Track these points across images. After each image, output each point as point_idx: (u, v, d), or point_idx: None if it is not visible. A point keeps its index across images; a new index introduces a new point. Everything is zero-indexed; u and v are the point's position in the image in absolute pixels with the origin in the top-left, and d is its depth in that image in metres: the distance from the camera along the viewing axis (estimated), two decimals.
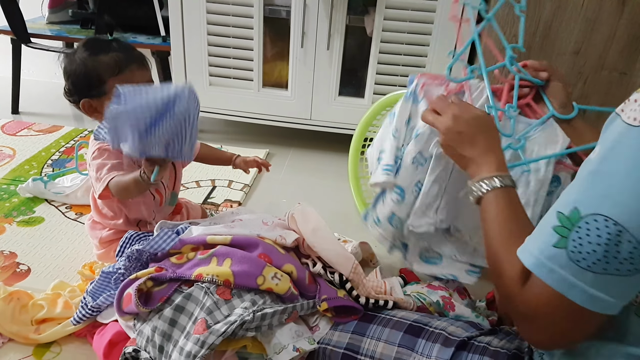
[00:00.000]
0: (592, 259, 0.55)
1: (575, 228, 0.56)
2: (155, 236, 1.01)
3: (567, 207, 0.58)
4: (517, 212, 0.75)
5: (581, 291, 0.57)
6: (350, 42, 1.88)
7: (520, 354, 0.79)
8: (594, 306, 0.57)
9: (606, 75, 1.62)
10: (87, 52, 1.12)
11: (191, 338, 0.84)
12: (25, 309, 1.07)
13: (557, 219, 0.58)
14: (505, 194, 0.77)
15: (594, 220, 0.55)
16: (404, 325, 0.88)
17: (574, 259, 0.56)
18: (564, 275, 0.57)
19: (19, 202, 1.55)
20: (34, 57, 2.54)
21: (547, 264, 0.59)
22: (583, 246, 0.56)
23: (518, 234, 0.69)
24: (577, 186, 0.59)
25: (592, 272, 0.56)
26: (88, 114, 1.16)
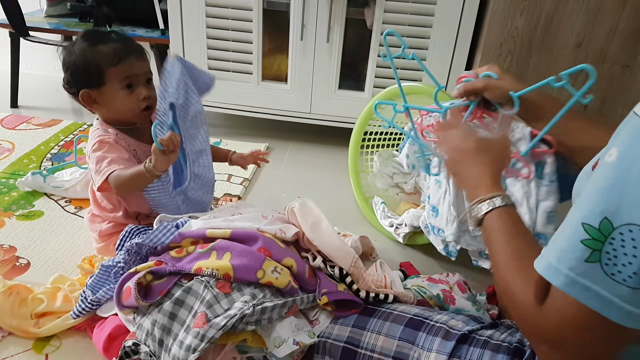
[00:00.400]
0: (629, 271, 0.52)
1: (608, 240, 0.53)
2: (154, 230, 1.01)
3: (595, 219, 0.54)
4: (520, 230, 0.73)
5: (618, 308, 0.53)
6: (350, 34, 1.87)
7: (522, 348, 0.79)
8: (630, 322, 0.54)
9: (608, 68, 1.61)
10: (86, 43, 1.12)
11: (191, 332, 0.84)
12: (25, 303, 1.07)
13: (585, 231, 0.54)
14: (505, 212, 0.76)
15: (629, 231, 0.52)
16: (405, 318, 0.88)
17: (609, 272, 0.53)
18: (599, 291, 0.54)
19: (18, 196, 1.54)
20: (33, 50, 2.53)
21: (580, 281, 0.55)
22: (618, 258, 0.52)
23: (525, 252, 0.67)
24: (601, 194, 0.54)
25: (628, 286, 0.52)
26: (87, 105, 1.15)
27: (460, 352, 0.80)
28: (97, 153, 1.12)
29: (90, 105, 1.16)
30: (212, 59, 1.93)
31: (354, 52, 1.93)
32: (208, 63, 1.94)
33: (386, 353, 0.84)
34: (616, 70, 1.61)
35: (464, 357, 0.79)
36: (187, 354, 0.82)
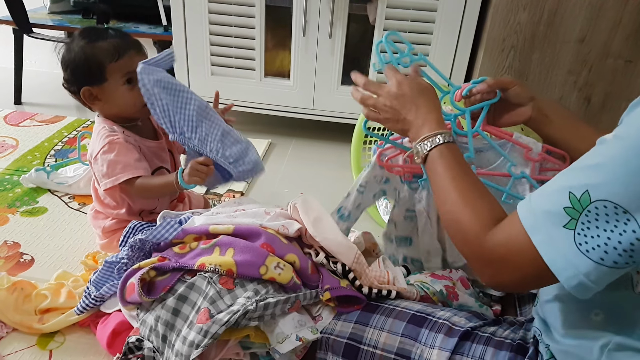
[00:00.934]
0: (594, 244, 0.56)
1: (584, 212, 0.56)
2: (158, 226, 1.01)
3: (579, 190, 0.57)
4: (463, 165, 0.79)
5: (572, 276, 0.57)
6: (352, 30, 1.86)
7: (525, 344, 0.79)
8: (575, 291, 0.58)
9: (611, 63, 1.60)
10: (85, 40, 1.12)
11: (194, 327, 0.84)
12: (29, 299, 1.08)
13: (569, 199, 0.58)
14: (449, 149, 0.80)
15: (604, 207, 0.55)
16: (407, 315, 0.88)
17: (578, 241, 0.57)
18: (563, 257, 0.58)
19: (22, 193, 1.55)
20: (36, 47, 2.53)
21: (552, 243, 0.59)
22: (590, 230, 0.56)
23: (471, 187, 0.74)
24: (590, 168, 0.58)
25: (590, 259, 0.56)
26: (88, 103, 1.16)
27: (462, 349, 0.80)
28: (108, 156, 1.12)
29: (91, 103, 1.16)
30: (215, 55, 1.93)
31: (357, 48, 1.92)
32: (211, 59, 1.94)
33: (389, 349, 0.84)
34: (619, 65, 1.60)
35: (466, 354, 0.79)
36: (190, 349, 0.82)
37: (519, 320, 0.90)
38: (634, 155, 0.53)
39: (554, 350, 0.73)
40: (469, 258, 0.72)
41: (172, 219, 1.04)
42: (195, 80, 1.99)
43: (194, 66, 1.96)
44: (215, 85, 1.98)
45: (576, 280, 0.57)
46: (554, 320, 0.74)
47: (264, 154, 1.92)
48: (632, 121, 0.56)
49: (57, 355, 1.01)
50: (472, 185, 0.75)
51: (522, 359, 0.76)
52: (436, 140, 0.81)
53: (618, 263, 0.55)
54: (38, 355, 1.00)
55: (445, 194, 0.76)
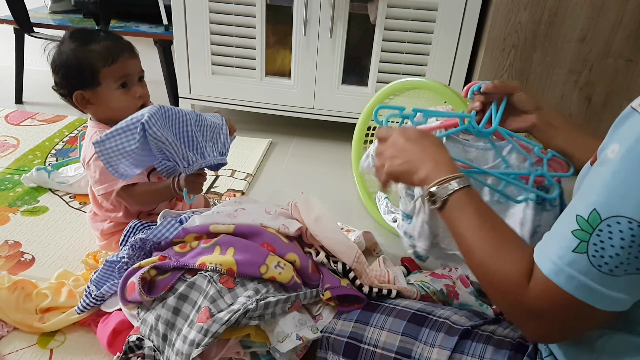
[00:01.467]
0: (615, 262, 0.53)
1: (595, 232, 0.54)
2: (158, 225, 1.01)
3: (586, 210, 0.55)
4: (489, 209, 0.73)
5: (601, 295, 0.55)
6: (353, 29, 1.86)
7: (525, 343, 0.79)
8: (612, 306, 0.56)
9: (612, 63, 1.60)
10: (76, 43, 1.10)
11: (195, 326, 0.84)
12: (30, 298, 1.08)
13: (576, 222, 0.56)
14: (471, 193, 0.74)
15: (617, 223, 0.53)
16: (408, 314, 0.88)
17: (595, 264, 0.54)
18: (584, 281, 0.55)
19: (23, 192, 1.55)
20: (37, 46, 2.53)
21: (566, 270, 0.56)
22: (605, 250, 0.53)
23: (501, 232, 0.69)
24: (595, 187, 0.56)
25: (614, 275, 0.54)
26: (80, 107, 1.14)
27: (463, 348, 0.80)
28: (99, 163, 1.10)
29: (83, 106, 1.14)
30: (216, 54, 1.93)
31: (358, 47, 1.92)
32: (211, 58, 1.94)
33: (389, 348, 0.84)
34: (620, 65, 1.60)
35: (467, 353, 0.79)
36: (190, 348, 0.82)
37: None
38: (636, 168, 0.52)
39: (553, 347, 0.73)
40: (507, 313, 0.68)
41: (172, 218, 1.04)
42: (196, 80, 1.99)
43: (195, 66, 1.96)
44: (216, 84, 1.98)
45: (608, 300, 0.55)
46: None
47: (264, 153, 1.92)
48: (627, 134, 0.54)
49: (57, 354, 1.01)
50: (504, 233, 0.69)
51: (522, 357, 0.76)
52: (454, 184, 0.74)
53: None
54: (39, 354, 1.01)
55: (472, 242, 0.70)
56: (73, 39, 1.11)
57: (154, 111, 0.98)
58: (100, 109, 1.16)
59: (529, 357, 0.76)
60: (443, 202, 0.74)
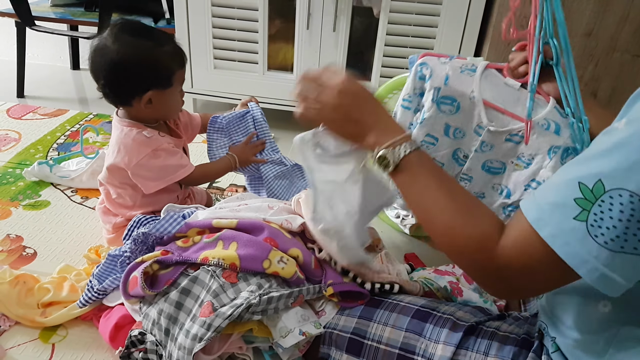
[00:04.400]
0: (611, 235, 0.53)
1: (598, 202, 0.54)
2: (161, 219, 1.01)
3: (591, 180, 0.54)
4: (443, 172, 0.72)
5: (593, 268, 0.55)
6: (356, 23, 1.85)
7: (530, 339, 0.78)
8: (600, 285, 0.56)
9: (618, 58, 1.59)
10: (151, 42, 1.07)
11: (197, 321, 0.84)
12: (32, 293, 1.07)
13: (580, 190, 0.55)
14: (423, 155, 0.72)
15: (619, 195, 0.52)
16: (412, 310, 0.87)
17: (593, 233, 0.54)
18: (578, 249, 0.55)
19: (24, 186, 1.55)
20: (39, 40, 2.52)
21: (563, 236, 0.56)
22: (604, 221, 0.53)
23: (459, 192, 0.69)
24: (601, 157, 0.55)
25: (608, 249, 0.54)
26: (141, 106, 1.10)
27: (467, 344, 0.79)
28: (155, 162, 1.13)
29: (144, 104, 1.10)
30: (218, 48, 1.92)
31: (361, 41, 1.91)
32: (214, 52, 1.93)
33: (393, 344, 0.84)
34: (626, 60, 1.58)
35: (471, 349, 0.79)
36: (193, 342, 0.82)
37: (523, 315, 0.89)
38: None
39: (560, 342, 0.73)
40: (476, 273, 0.67)
41: (175, 213, 1.03)
42: (198, 74, 1.98)
43: (197, 60, 1.95)
44: (218, 79, 1.97)
45: (597, 273, 0.55)
46: (561, 313, 0.73)
47: None
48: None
49: (59, 348, 1.01)
50: (464, 193, 0.69)
51: (527, 353, 0.76)
52: (409, 145, 0.71)
53: (638, 249, 0.53)
54: (40, 348, 1.00)
55: (433, 203, 0.69)
56: (143, 35, 1.08)
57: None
58: (155, 110, 1.14)
59: (534, 353, 0.76)
60: (395, 165, 0.72)
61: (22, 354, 0.99)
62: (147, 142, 1.13)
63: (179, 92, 1.16)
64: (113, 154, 1.16)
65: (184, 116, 1.31)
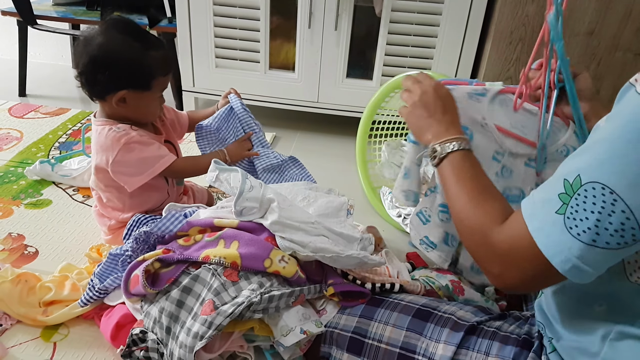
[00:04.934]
0: (584, 226, 0.56)
1: (575, 195, 0.57)
2: (163, 218, 1.01)
3: (572, 175, 0.58)
4: (478, 172, 0.79)
5: (566, 259, 0.57)
6: (358, 22, 1.85)
7: (530, 339, 0.78)
8: (571, 274, 0.58)
9: (620, 56, 1.58)
10: (138, 44, 1.07)
11: (198, 319, 0.84)
12: (33, 291, 1.07)
13: (563, 185, 0.59)
14: (467, 155, 0.81)
15: (592, 188, 0.55)
16: (412, 309, 0.87)
17: (568, 225, 0.57)
18: (555, 241, 0.58)
19: (26, 185, 1.55)
20: (41, 39, 2.53)
21: (545, 229, 0.59)
22: (578, 213, 0.56)
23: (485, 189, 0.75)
24: (583, 153, 0.59)
25: (581, 241, 0.56)
26: (114, 104, 1.10)
27: (468, 343, 0.79)
28: (131, 156, 1.10)
29: (117, 102, 1.10)
30: (219, 47, 1.92)
31: (363, 40, 1.91)
32: (215, 51, 1.93)
33: (393, 343, 0.84)
34: (629, 58, 1.58)
35: (472, 348, 0.79)
36: (194, 340, 0.82)
37: (524, 315, 0.89)
38: (618, 137, 0.54)
39: (556, 343, 0.73)
40: (477, 256, 0.71)
41: (177, 212, 1.03)
42: (199, 73, 1.98)
43: (198, 58, 1.95)
44: (219, 77, 1.97)
45: (570, 264, 0.57)
46: (556, 313, 0.74)
47: None
48: (622, 107, 0.57)
49: (61, 347, 1.01)
50: (484, 188, 0.76)
51: (528, 353, 0.76)
52: (455, 145, 0.82)
53: (610, 244, 0.55)
54: (42, 347, 1.00)
55: (455, 195, 0.77)
56: (133, 37, 1.07)
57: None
58: (129, 110, 1.12)
59: (534, 353, 0.76)
60: (440, 159, 0.82)
61: (24, 352, 0.99)
62: (118, 137, 1.11)
63: (158, 97, 1.15)
64: (94, 156, 1.17)
65: (170, 113, 1.29)
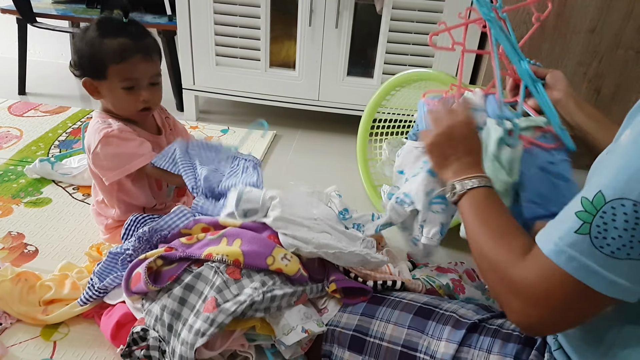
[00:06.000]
0: (617, 244, 0.53)
1: (599, 213, 0.54)
2: (170, 213, 1.03)
3: (592, 193, 0.55)
4: (498, 208, 0.76)
5: (601, 278, 0.55)
6: (359, 20, 1.84)
7: (533, 337, 0.78)
8: (613, 292, 0.55)
9: (622, 54, 1.58)
10: (97, 33, 1.09)
11: (201, 316, 0.84)
12: (33, 290, 1.07)
13: (581, 204, 0.56)
14: (486, 192, 0.79)
15: (621, 205, 0.52)
16: (414, 307, 0.87)
17: (597, 245, 0.54)
18: (585, 262, 0.55)
19: (26, 183, 1.54)
20: (40, 37, 2.52)
21: (567, 251, 0.56)
22: (608, 232, 0.53)
23: (507, 226, 0.72)
24: (604, 170, 0.56)
25: (615, 258, 0.53)
26: (89, 92, 1.15)
27: (470, 341, 0.79)
28: (108, 149, 1.11)
29: (92, 93, 1.15)
30: (220, 45, 1.92)
31: (363, 38, 1.90)
32: (216, 49, 1.92)
33: (395, 342, 0.83)
34: (631, 56, 1.57)
35: (474, 346, 0.79)
36: (196, 337, 0.82)
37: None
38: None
39: (562, 340, 0.73)
40: (497, 293, 0.67)
41: (186, 209, 1.04)
42: (199, 71, 1.98)
43: (199, 56, 1.94)
44: (220, 76, 1.97)
45: (606, 282, 0.54)
46: None
47: (268, 146, 1.91)
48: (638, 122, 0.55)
49: (61, 346, 1.00)
50: (505, 225, 0.72)
51: (530, 350, 0.76)
52: (477, 181, 0.80)
53: None
54: (42, 346, 1.00)
55: (475, 234, 0.74)
56: (97, 27, 1.10)
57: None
58: (105, 100, 1.17)
59: (537, 350, 0.75)
60: (459, 196, 0.80)
61: (24, 351, 0.99)
62: (99, 129, 1.12)
63: (121, 90, 1.12)
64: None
65: (181, 131, 1.33)
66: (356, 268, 0.98)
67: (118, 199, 1.21)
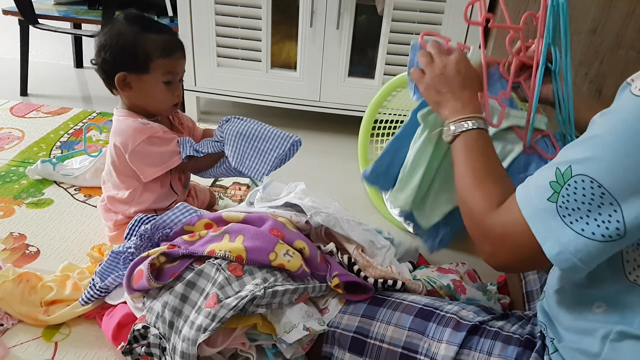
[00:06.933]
0: (576, 215, 0.59)
1: (565, 185, 0.60)
2: (174, 209, 1.04)
3: (564, 165, 0.61)
4: (488, 151, 0.81)
5: (554, 244, 0.61)
6: (360, 20, 1.84)
7: (533, 339, 0.78)
8: (558, 263, 0.61)
9: (623, 55, 1.57)
10: (137, 26, 1.10)
11: (202, 312, 0.84)
12: (35, 291, 1.07)
13: (554, 174, 0.62)
14: (480, 135, 0.82)
15: (582, 181, 0.59)
16: (415, 309, 0.87)
17: (561, 213, 0.60)
18: (549, 226, 0.61)
19: (28, 184, 1.55)
20: (42, 38, 2.53)
21: (540, 214, 0.62)
22: (570, 202, 0.60)
23: (490, 171, 0.77)
24: (577, 145, 0.61)
25: (573, 230, 0.59)
26: (118, 87, 1.13)
27: (470, 343, 0.79)
28: (151, 149, 1.14)
29: (121, 88, 1.14)
30: (221, 46, 1.92)
31: (364, 39, 1.90)
32: (217, 50, 1.92)
33: (396, 343, 0.83)
34: (632, 57, 1.57)
35: (474, 348, 0.78)
36: (197, 333, 0.82)
37: (527, 314, 0.89)
38: (609, 134, 0.57)
39: (557, 343, 0.73)
40: (472, 235, 0.74)
41: (189, 206, 1.05)
42: (201, 72, 1.98)
43: (200, 57, 1.94)
44: (221, 76, 1.97)
45: (557, 249, 0.60)
46: (557, 313, 0.74)
47: None
48: (617, 105, 0.59)
49: (62, 346, 1.01)
50: (490, 170, 0.77)
51: (530, 353, 0.76)
52: (469, 124, 0.82)
53: (595, 235, 0.58)
54: (43, 347, 1.00)
55: (462, 174, 0.79)
56: (133, 21, 1.11)
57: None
58: (136, 95, 1.15)
59: (537, 353, 0.75)
60: (454, 137, 0.83)
61: (25, 352, 0.99)
62: (142, 130, 1.14)
63: (162, 84, 1.13)
64: (112, 145, 1.20)
65: (189, 121, 1.34)
66: (360, 261, 0.98)
67: (142, 198, 1.22)
